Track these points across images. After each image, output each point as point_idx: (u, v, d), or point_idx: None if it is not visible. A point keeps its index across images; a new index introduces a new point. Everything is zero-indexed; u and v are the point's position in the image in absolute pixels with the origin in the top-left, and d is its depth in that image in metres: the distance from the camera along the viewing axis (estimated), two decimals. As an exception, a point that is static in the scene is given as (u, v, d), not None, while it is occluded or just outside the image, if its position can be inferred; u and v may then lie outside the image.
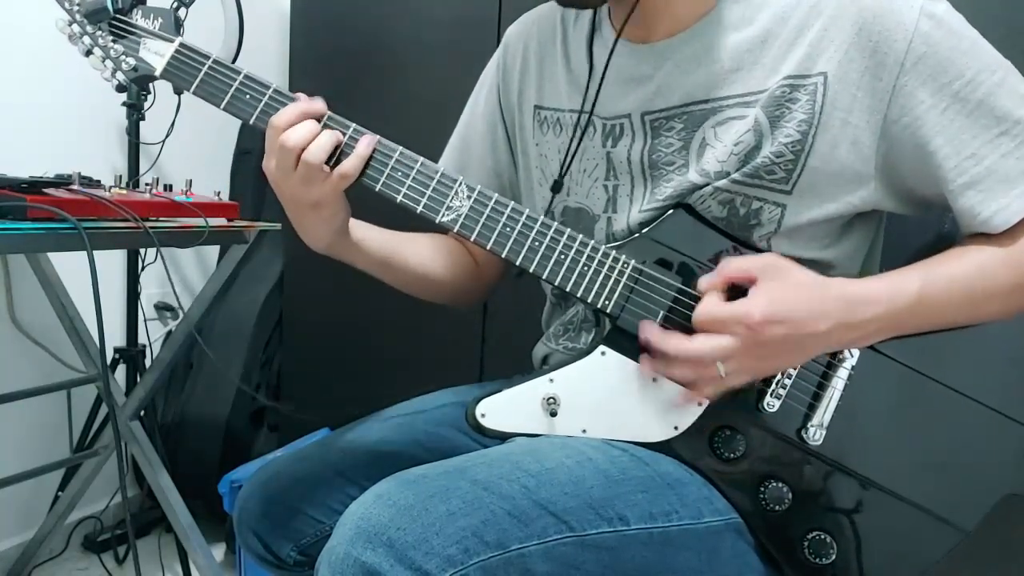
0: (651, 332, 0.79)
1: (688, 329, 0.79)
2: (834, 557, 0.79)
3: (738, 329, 0.75)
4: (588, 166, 0.93)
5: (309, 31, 1.88)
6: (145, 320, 1.88)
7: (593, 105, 0.90)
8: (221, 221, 1.41)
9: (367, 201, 0.87)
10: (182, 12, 1.51)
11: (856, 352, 0.81)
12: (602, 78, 0.89)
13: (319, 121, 0.82)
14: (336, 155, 0.83)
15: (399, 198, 0.83)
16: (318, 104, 0.83)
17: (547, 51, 0.98)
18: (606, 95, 0.90)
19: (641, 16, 0.85)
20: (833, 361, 0.81)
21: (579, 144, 0.92)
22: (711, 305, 0.77)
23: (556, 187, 0.93)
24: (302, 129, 0.81)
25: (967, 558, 0.78)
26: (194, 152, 1.86)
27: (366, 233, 0.95)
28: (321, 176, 0.82)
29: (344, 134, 0.83)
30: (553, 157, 0.96)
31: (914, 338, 0.80)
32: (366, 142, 0.83)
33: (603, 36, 0.93)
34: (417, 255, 1.01)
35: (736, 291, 0.78)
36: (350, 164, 0.82)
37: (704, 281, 0.79)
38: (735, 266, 0.78)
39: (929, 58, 0.77)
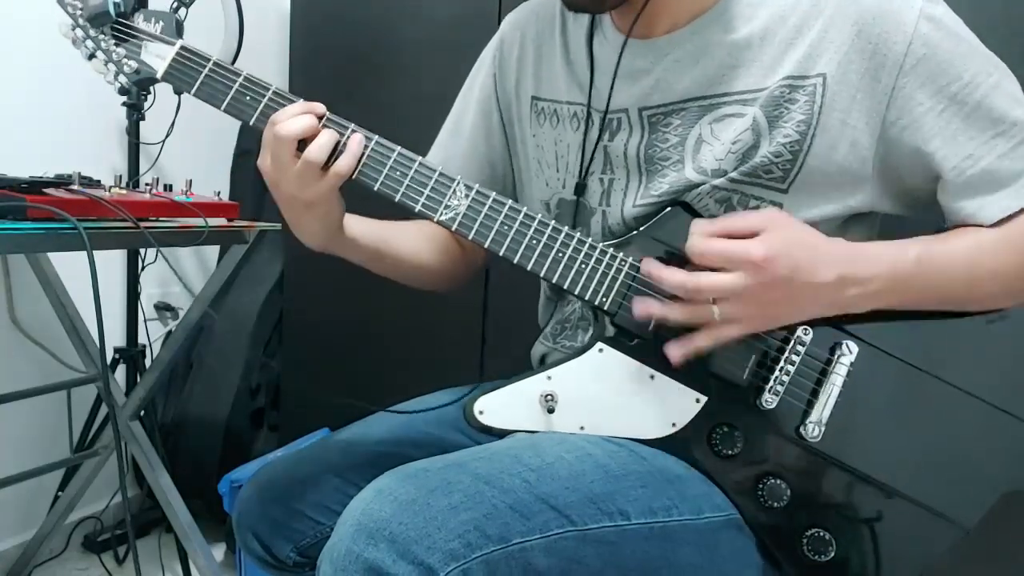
0: (652, 265, 0.79)
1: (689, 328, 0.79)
2: (833, 554, 0.79)
3: (743, 266, 0.74)
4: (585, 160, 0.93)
5: (309, 30, 1.89)
6: (145, 320, 1.88)
7: (607, 105, 0.89)
8: (221, 221, 1.41)
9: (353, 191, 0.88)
10: (182, 12, 1.52)
11: (855, 348, 0.81)
12: (614, 79, 0.88)
13: (319, 120, 0.83)
14: (335, 154, 0.83)
15: (397, 197, 0.84)
16: (318, 105, 0.83)
17: (545, 42, 0.99)
18: (604, 89, 0.90)
19: (643, 12, 0.86)
20: (832, 357, 0.81)
21: (596, 148, 0.91)
22: (708, 239, 0.76)
23: (579, 190, 0.92)
24: (301, 122, 0.81)
25: (967, 555, 0.78)
26: (194, 152, 1.86)
27: (359, 227, 0.94)
28: (317, 175, 0.82)
29: (342, 134, 0.83)
30: (549, 148, 0.97)
31: (913, 334, 0.80)
32: (357, 140, 0.83)
33: (603, 31, 0.93)
34: (408, 246, 1.01)
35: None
36: (344, 163, 0.82)
37: (697, 223, 0.78)
38: (739, 220, 0.78)
39: (928, 60, 0.77)
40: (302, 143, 0.81)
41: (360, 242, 0.94)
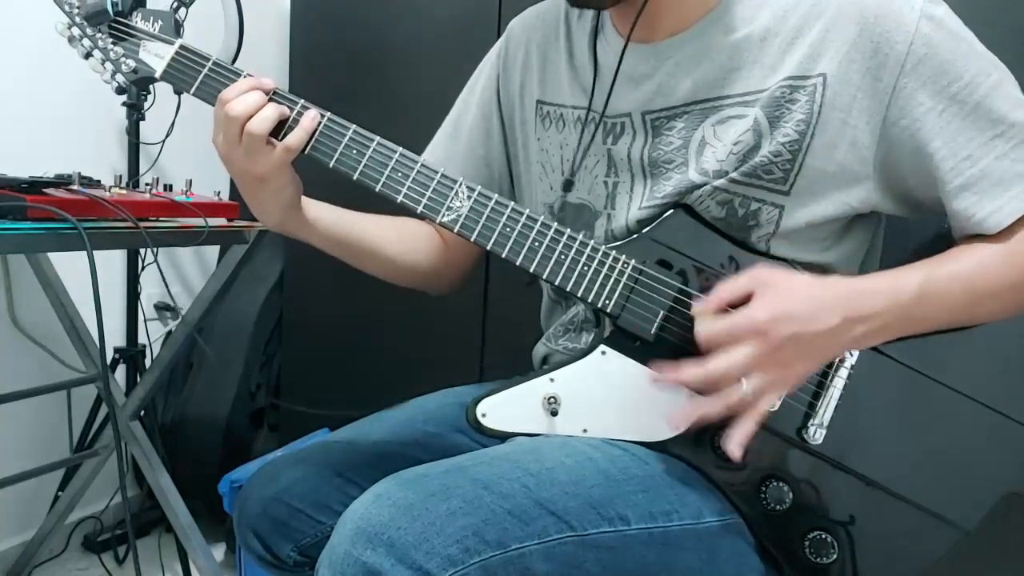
0: (664, 370, 0.76)
1: (690, 331, 0.78)
2: (835, 557, 0.79)
3: (748, 336, 0.73)
4: (589, 163, 0.93)
5: (309, 29, 1.89)
6: (145, 320, 1.88)
7: (604, 108, 0.89)
8: (221, 221, 1.41)
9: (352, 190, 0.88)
10: (182, 12, 1.51)
11: (856, 352, 0.81)
12: (613, 81, 0.88)
13: (267, 96, 0.83)
14: (284, 130, 0.83)
15: (399, 198, 0.84)
16: (266, 80, 0.84)
17: (550, 46, 0.99)
18: (608, 92, 0.90)
19: (644, 16, 0.85)
20: (833, 361, 0.81)
21: (588, 147, 0.91)
22: (713, 321, 0.75)
23: (567, 186, 0.92)
24: (247, 100, 0.81)
25: (968, 557, 0.78)
26: (194, 152, 1.85)
27: (322, 212, 0.95)
28: (265, 149, 0.82)
29: (292, 109, 0.83)
30: (555, 152, 0.97)
31: (914, 338, 0.80)
32: (310, 116, 0.83)
33: (606, 35, 0.93)
34: (380, 237, 1.00)
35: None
36: (294, 137, 0.83)
37: (697, 306, 0.78)
38: (727, 287, 0.77)
39: (929, 60, 0.77)
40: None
41: (319, 226, 0.94)
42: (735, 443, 0.75)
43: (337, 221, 0.96)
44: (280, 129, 0.83)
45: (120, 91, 0.90)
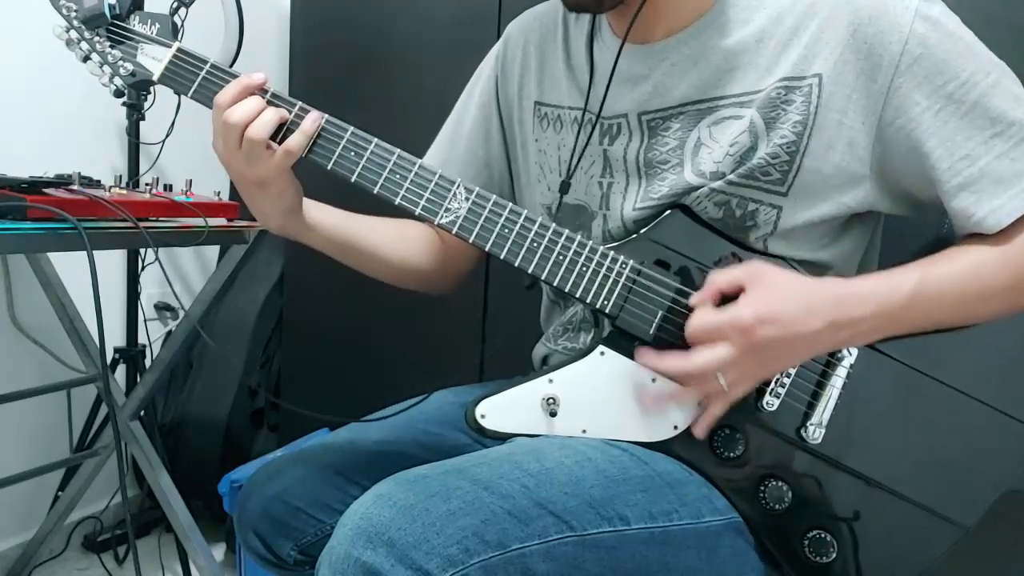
0: (648, 357, 0.80)
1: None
2: (835, 556, 0.79)
3: (732, 334, 0.75)
4: (585, 164, 0.93)
5: (309, 30, 1.88)
6: (145, 320, 1.88)
7: (600, 108, 0.89)
8: (221, 221, 1.41)
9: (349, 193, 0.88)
10: (182, 12, 1.52)
11: (855, 350, 0.81)
12: (609, 82, 0.88)
13: (263, 98, 0.83)
14: (283, 133, 0.83)
15: (397, 200, 0.84)
16: (256, 76, 0.83)
17: (548, 48, 0.99)
18: (604, 93, 0.90)
19: (641, 17, 0.85)
20: (832, 360, 0.81)
21: (584, 148, 0.91)
22: (702, 315, 0.77)
23: (564, 188, 0.92)
24: (246, 105, 0.81)
25: (967, 555, 0.78)
26: (194, 152, 1.85)
27: (322, 215, 0.95)
28: (265, 153, 0.82)
29: (290, 111, 0.83)
30: (552, 153, 0.97)
31: (912, 336, 0.80)
32: (311, 119, 0.83)
33: (602, 36, 0.93)
34: (380, 239, 1.00)
35: (728, 303, 0.78)
36: (295, 141, 0.82)
37: (695, 297, 0.80)
38: (722, 277, 0.78)
39: (924, 60, 0.77)
40: None
41: (320, 229, 0.94)
42: (703, 425, 0.80)
43: (338, 224, 0.96)
44: (279, 132, 0.83)
45: (118, 94, 0.90)
